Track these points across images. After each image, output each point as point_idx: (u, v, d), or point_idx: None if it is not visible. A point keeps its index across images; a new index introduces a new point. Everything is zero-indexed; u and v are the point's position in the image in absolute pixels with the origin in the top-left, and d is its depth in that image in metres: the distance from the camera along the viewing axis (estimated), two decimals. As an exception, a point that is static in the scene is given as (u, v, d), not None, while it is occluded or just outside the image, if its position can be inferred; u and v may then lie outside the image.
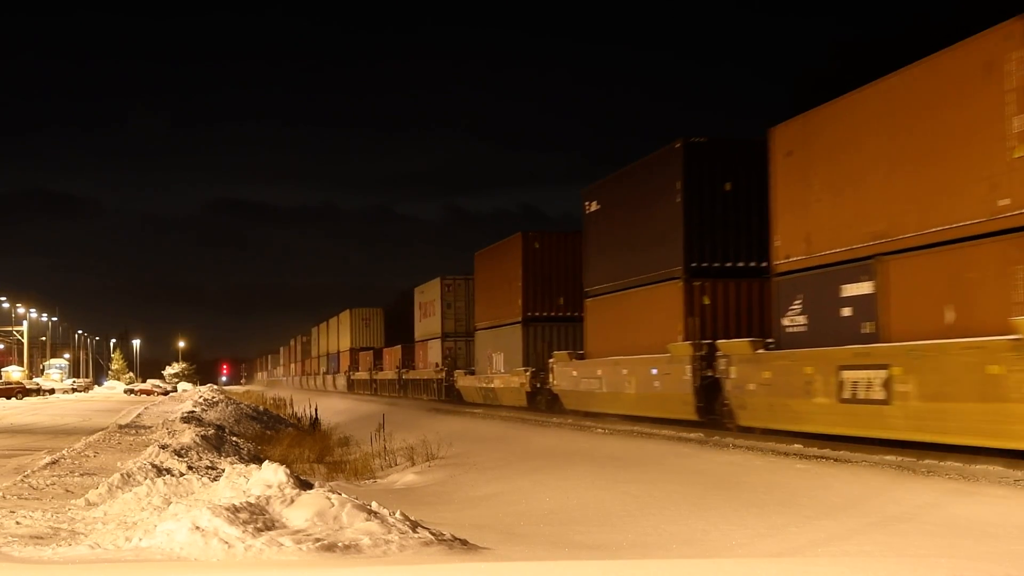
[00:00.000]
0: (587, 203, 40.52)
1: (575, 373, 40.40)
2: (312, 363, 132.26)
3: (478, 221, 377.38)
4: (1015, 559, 12.62)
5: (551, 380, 43.04)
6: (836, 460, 21.66)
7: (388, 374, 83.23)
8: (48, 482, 21.72)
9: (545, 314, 47.24)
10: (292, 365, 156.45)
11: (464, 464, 28.63)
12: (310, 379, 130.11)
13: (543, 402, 44.85)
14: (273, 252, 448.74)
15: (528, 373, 46.18)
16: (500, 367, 50.94)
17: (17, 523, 15.73)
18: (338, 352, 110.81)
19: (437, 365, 65.42)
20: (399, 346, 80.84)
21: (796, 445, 24.64)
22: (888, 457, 21.31)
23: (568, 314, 46.02)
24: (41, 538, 14.46)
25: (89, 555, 13.00)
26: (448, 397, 61.64)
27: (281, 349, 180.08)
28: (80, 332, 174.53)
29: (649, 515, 17.94)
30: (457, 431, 36.64)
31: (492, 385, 51.70)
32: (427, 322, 70.24)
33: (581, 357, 40.17)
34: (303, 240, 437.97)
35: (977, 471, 18.85)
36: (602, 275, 38.74)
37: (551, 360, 43.31)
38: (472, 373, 57.55)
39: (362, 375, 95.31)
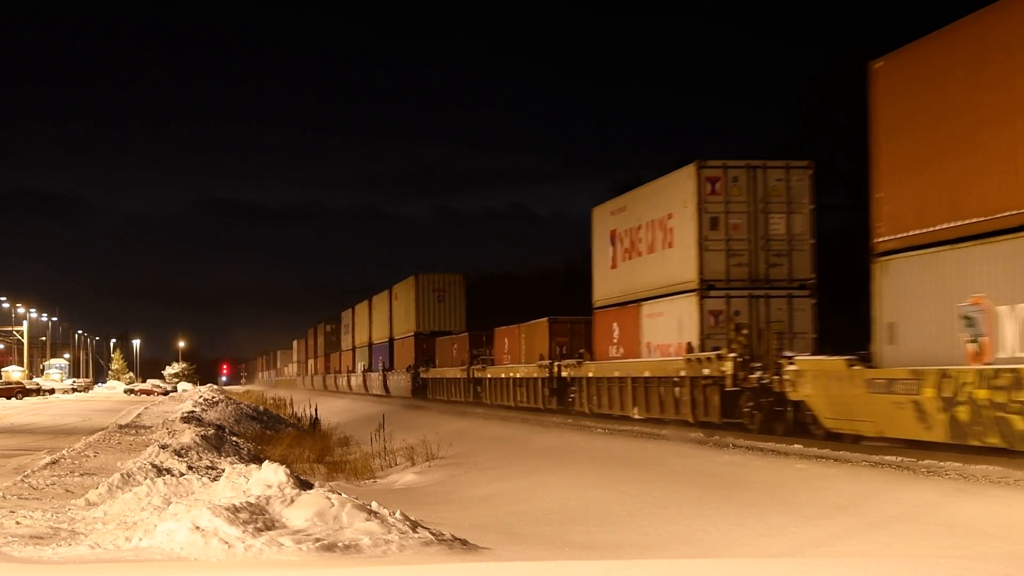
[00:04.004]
0: None
1: None
2: (342, 358, 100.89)
3: (467, 221, 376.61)
4: (1015, 559, 12.62)
5: None
6: (836, 460, 21.65)
7: (518, 370, 48.21)
8: (48, 482, 21.73)
9: None
10: (310, 362, 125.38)
11: (464, 464, 28.62)
12: (339, 378, 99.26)
13: None
14: (263, 252, 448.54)
15: None
16: None
17: (17, 523, 15.74)
18: (390, 340, 77.60)
19: (690, 347, 31.61)
20: (544, 321, 45.70)
21: (796, 445, 24.63)
22: (888, 457, 21.30)
23: None
24: (41, 538, 14.46)
25: (89, 555, 13.01)
26: (730, 416, 29.78)
27: (294, 343, 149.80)
28: (80, 332, 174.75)
29: (649, 515, 17.95)
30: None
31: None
32: (636, 267, 36.25)
33: None
34: (292, 240, 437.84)
35: (977, 471, 18.84)
36: None
37: None
38: (862, 362, 23.43)
39: (447, 372, 61.55)
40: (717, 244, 31.27)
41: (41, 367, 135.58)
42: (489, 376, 52.62)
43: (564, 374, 41.55)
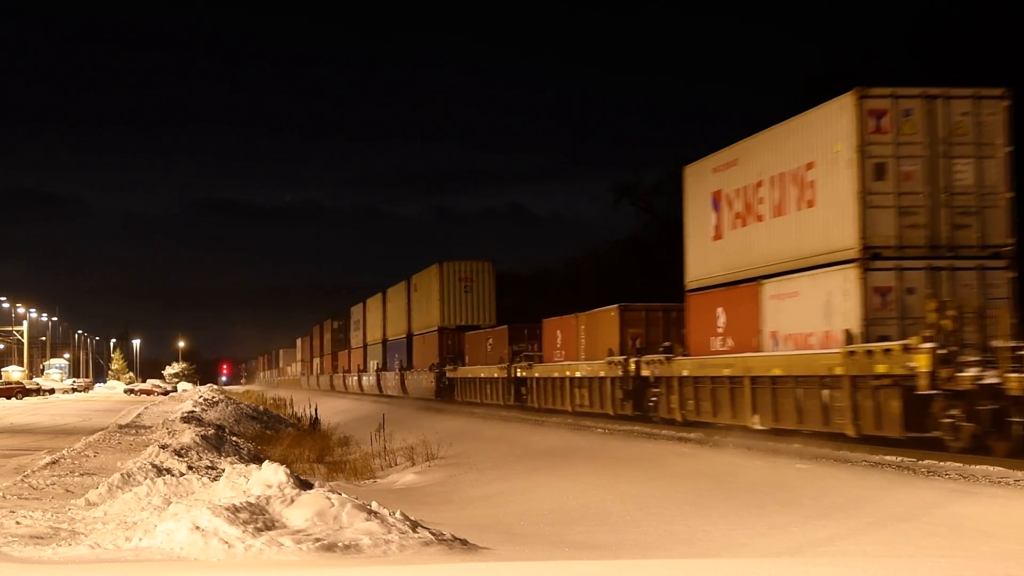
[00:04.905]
0: None
1: None
2: (351, 357, 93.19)
3: (466, 221, 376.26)
4: (1015, 559, 12.63)
5: None
6: (836, 460, 21.66)
7: (578, 368, 39.56)
8: (48, 482, 21.74)
9: None
10: (316, 361, 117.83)
11: (464, 464, 28.64)
12: (348, 378, 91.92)
13: None
14: (262, 252, 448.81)
15: None
16: None
17: (17, 523, 15.75)
18: (408, 336, 69.76)
19: (849, 337, 23.62)
20: (614, 308, 37.28)
21: (796, 445, 24.64)
22: (888, 457, 21.30)
23: None
24: (41, 538, 14.46)
25: (89, 555, 13.01)
26: (918, 428, 22.05)
27: (298, 341, 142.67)
28: (80, 332, 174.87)
29: (649, 515, 17.95)
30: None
31: None
32: (754, 235, 28.42)
33: None
34: (291, 240, 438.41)
35: (977, 471, 18.86)
36: None
37: None
38: None
39: (481, 371, 52.93)
40: (884, 199, 23.63)
41: (41, 367, 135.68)
42: (537, 376, 44.10)
43: (644, 373, 33.36)
